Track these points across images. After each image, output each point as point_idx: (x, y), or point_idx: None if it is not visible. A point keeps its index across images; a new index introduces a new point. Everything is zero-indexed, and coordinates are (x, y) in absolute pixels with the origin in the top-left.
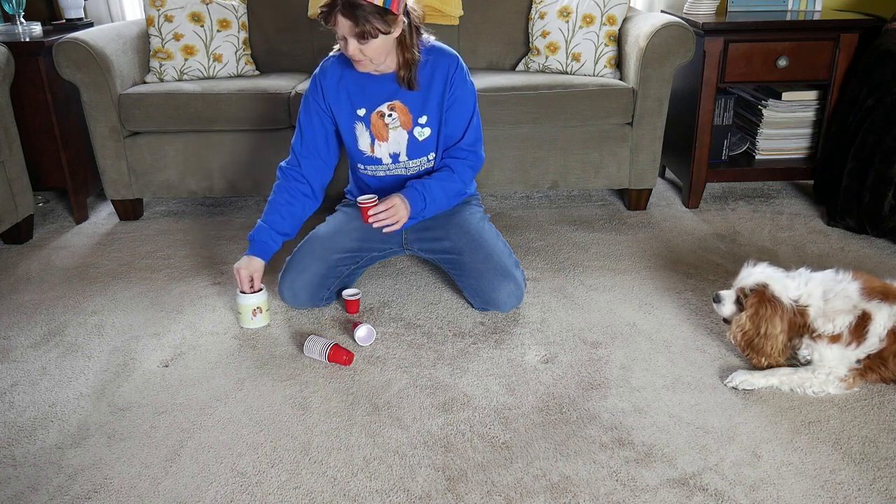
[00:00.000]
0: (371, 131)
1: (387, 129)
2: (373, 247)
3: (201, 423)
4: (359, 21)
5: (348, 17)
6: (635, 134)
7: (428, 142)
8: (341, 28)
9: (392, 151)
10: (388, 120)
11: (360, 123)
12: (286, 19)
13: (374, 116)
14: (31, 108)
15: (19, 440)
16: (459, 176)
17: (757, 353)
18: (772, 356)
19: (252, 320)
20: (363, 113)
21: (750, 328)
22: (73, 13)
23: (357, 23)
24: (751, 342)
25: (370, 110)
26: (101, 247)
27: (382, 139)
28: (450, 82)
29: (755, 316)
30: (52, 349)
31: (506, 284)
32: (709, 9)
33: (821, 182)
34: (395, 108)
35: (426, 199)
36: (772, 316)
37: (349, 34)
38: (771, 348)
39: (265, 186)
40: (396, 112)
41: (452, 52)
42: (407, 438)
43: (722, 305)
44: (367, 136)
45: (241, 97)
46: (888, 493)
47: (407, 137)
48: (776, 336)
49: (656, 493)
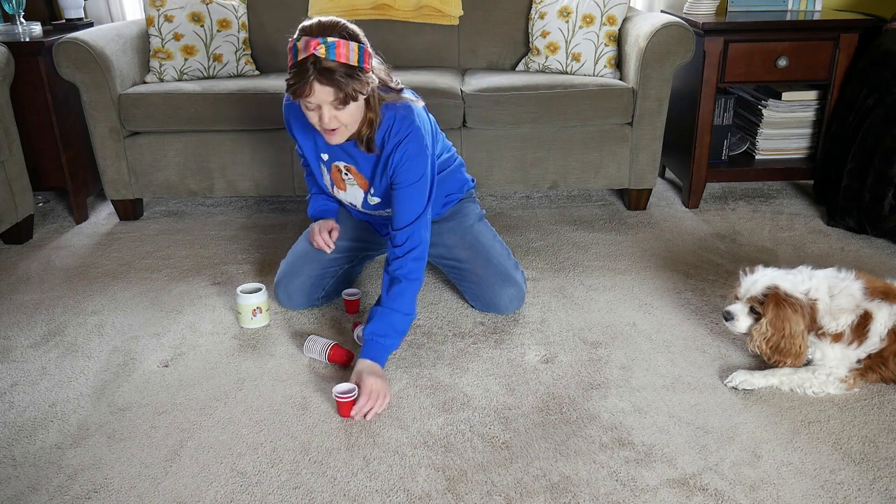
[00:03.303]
0: (331, 178)
1: (345, 184)
2: (366, 245)
3: (201, 423)
4: (340, 86)
5: (327, 83)
6: (635, 134)
7: (378, 206)
8: (319, 98)
9: (349, 201)
10: (344, 177)
11: (322, 165)
12: (286, 19)
13: (334, 168)
14: (31, 108)
15: (19, 440)
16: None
17: (784, 356)
18: (800, 355)
19: (252, 320)
20: (326, 158)
21: (773, 333)
22: (73, 13)
23: (339, 88)
24: (777, 346)
25: (331, 160)
26: (101, 247)
27: (341, 189)
28: (391, 159)
29: (776, 319)
30: (52, 349)
31: (507, 288)
32: (709, 9)
33: (821, 182)
34: (351, 171)
35: (389, 341)
36: (792, 314)
37: (328, 102)
38: (799, 346)
39: (265, 186)
40: (352, 174)
41: (411, 117)
42: (407, 438)
43: (736, 322)
44: (328, 179)
45: (241, 97)
46: (888, 493)
47: (362, 196)
48: (801, 333)
49: (656, 493)
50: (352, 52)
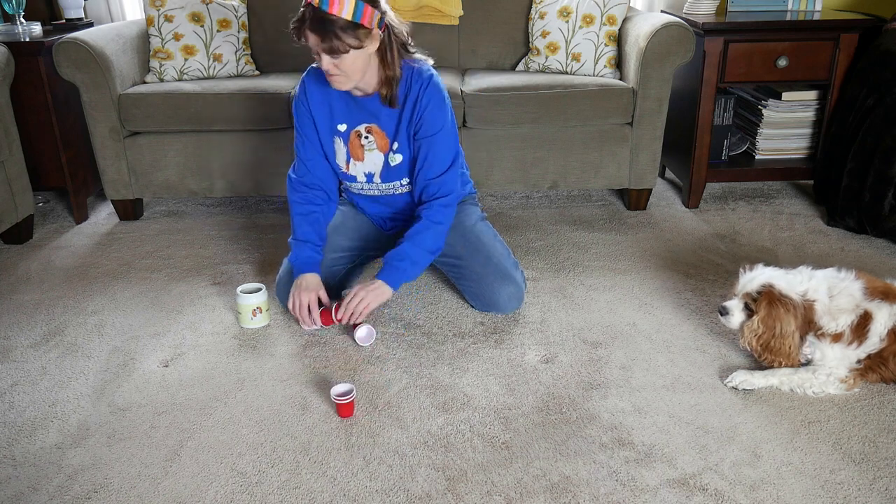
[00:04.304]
0: (348, 148)
1: (363, 150)
2: (369, 245)
3: (201, 423)
4: (327, 36)
5: (317, 32)
6: (635, 134)
7: (400, 167)
8: (312, 43)
9: (367, 171)
10: (364, 142)
11: (338, 139)
12: (286, 19)
13: (353, 135)
14: (31, 108)
15: (19, 440)
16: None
17: (775, 355)
18: (790, 355)
19: (252, 320)
20: (344, 129)
21: (764, 331)
22: (73, 13)
23: (324, 38)
24: (767, 345)
25: (350, 127)
26: (101, 247)
27: (358, 159)
28: (418, 105)
29: (768, 317)
30: (52, 349)
31: (506, 287)
32: (709, 9)
33: (821, 182)
34: (373, 131)
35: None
36: (784, 314)
37: (319, 50)
38: (789, 347)
39: (265, 186)
40: (373, 135)
41: (427, 70)
42: (407, 438)
43: (730, 317)
44: (344, 152)
45: (241, 97)
46: (888, 493)
47: (382, 161)
48: (792, 333)
49: (656, 493)
50: (346, 7)
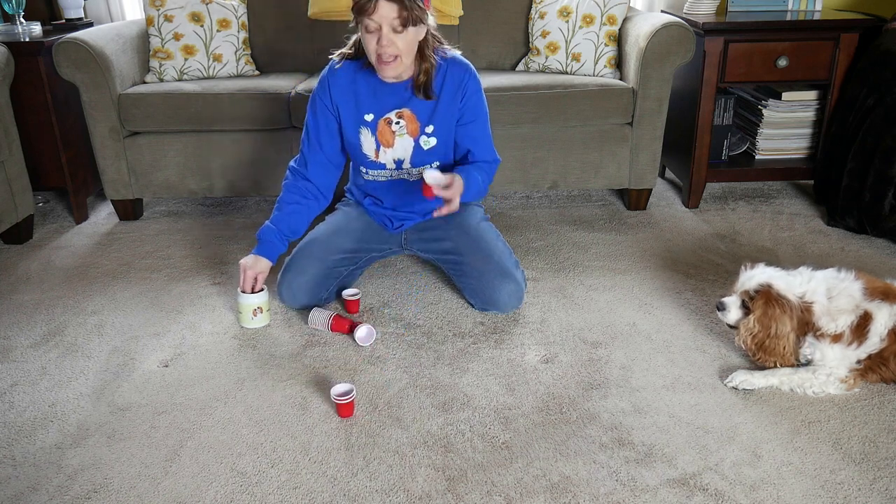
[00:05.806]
0: (376, 137)
1: (393, 136)
2: (372, 247)
3: (201, 423)
4: (404, 4)
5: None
6: (635, 134)
7: (433, 151)
8: (382, 15)
9: (396, 157)
10: (395, 127)
11: (365, 128)
12: (286, 19)
13: (382, 123)
14: (31, 108)
15: (19, 440)
16: (487, 175)
17: (769, 355)
18: (784, 356)
19: (252, 320)
20: (371, 118)
21: (759, 330)
22: (73, 13)
23: (402, 6)
24: (762, 344)
25: (378, 116)
26: (101, 247)
27: (388, 145)
28: (461, 92)
29: (763, 317)
30: (51, 349)
31: (506, 285)
32: (709, 9)
33: (821, 182)
34: (404, 115)
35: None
36: (780, 315)
37: (390, 21)
38: (783, 348)
39: (265, 186)
40: (404, 119)
41: (465, 61)
42: (407, 438)
43: (727, 312)
44: (373, 141)
45: (241, 97)
46: (888, 493)
47: (412, 145)
48: (787, 335)
49: (656, 493)
50: None
